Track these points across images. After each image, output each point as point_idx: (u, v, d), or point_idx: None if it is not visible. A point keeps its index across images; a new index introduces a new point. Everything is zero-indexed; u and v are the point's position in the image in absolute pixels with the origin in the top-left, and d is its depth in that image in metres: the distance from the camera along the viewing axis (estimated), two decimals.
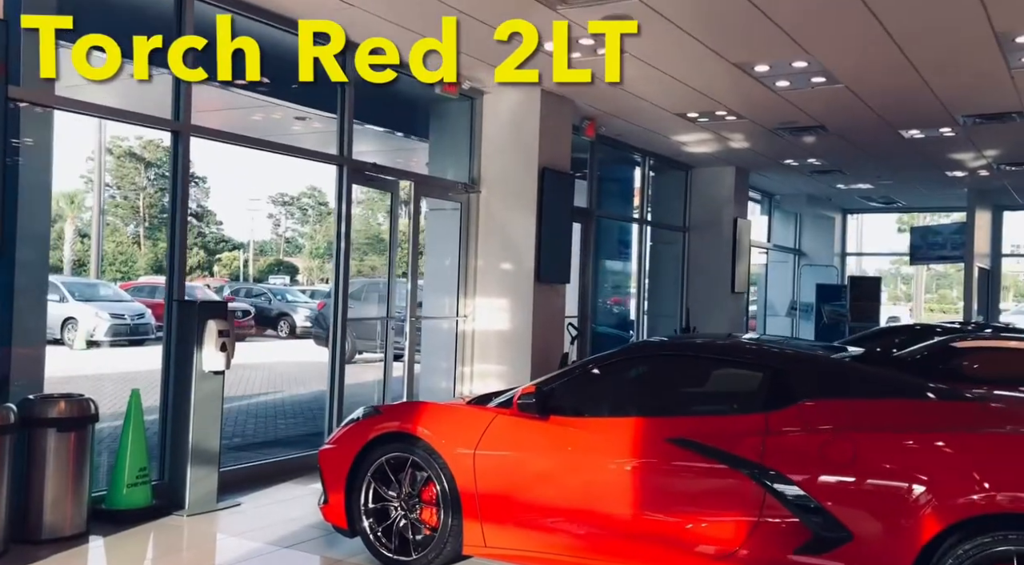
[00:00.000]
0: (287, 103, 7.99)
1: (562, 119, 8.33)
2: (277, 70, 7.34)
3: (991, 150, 10.65)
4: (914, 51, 6.46)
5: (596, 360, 4.11)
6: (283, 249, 51.34)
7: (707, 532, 3.45)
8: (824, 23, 5.89)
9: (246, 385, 12.07)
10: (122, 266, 38.84)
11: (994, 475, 2.96)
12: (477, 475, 3.92)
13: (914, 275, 40.59)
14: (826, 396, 3.49)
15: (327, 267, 43.38)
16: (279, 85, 7.70)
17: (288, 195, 51.02)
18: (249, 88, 7.60)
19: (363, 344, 11.36)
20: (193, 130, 5.39)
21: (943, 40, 6.18)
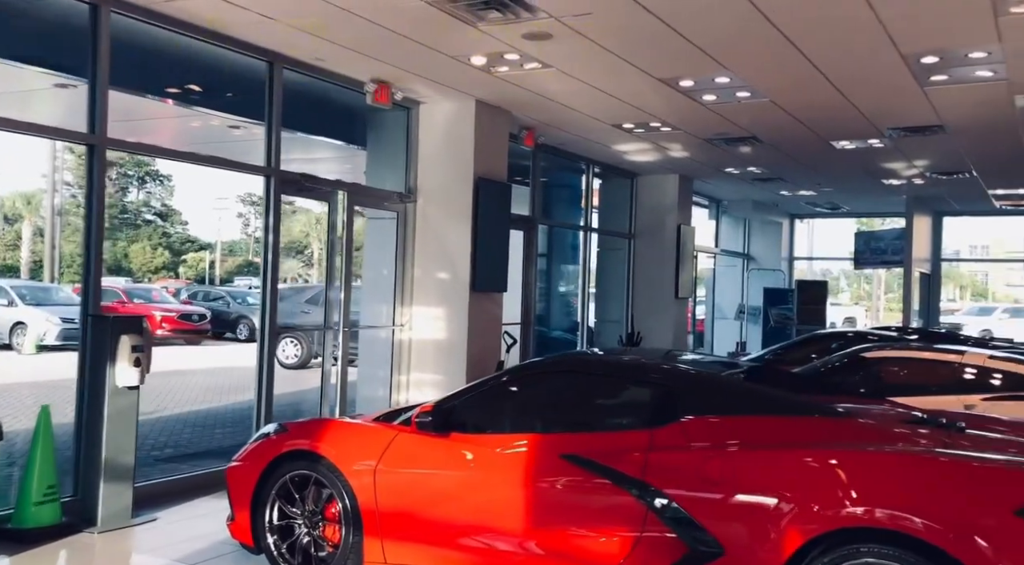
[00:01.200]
0: (221, 113, 7.99)
1: (498, 129, 8.43)
2: (208, 80, 7.37)
3: (921, 160, 10.96)
4: (830, 70, 6.66)
5: (496, 377, 4.21)
6: (252, 249, 50.76)
7: (593, 547, 3.56)
8: (739, 43, 6.05)
9: (191, 392, 12.00)
10: (80, 268, 38.16)
11: (853, 490, 3.10)
12: (378, 492, 3.99)
13: (872, 275, 41.45)
14: (707, 413, 3.61)
15: (290, 267, 42.98)
16: (212, 95, 7.74)
17: (256, 194, 50.49)
18: (182, 98, 7.62)
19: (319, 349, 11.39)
20: (109, 143, 5.39)
21: (855, 61, 6.38)
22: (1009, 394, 5.53)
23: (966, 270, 53.66)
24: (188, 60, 6.67)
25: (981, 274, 54.17)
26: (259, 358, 6.64)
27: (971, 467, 3.10)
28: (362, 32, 5.97)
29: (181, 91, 7.55)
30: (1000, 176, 12.07)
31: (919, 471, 3.10)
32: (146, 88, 7.23)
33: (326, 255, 7.77)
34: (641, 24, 5.57)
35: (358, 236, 9.45)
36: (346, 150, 9.94)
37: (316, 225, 40.34)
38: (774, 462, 3.30)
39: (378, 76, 7.19)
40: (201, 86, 7.49)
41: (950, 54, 6.12)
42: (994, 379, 5.67)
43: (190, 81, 7.37)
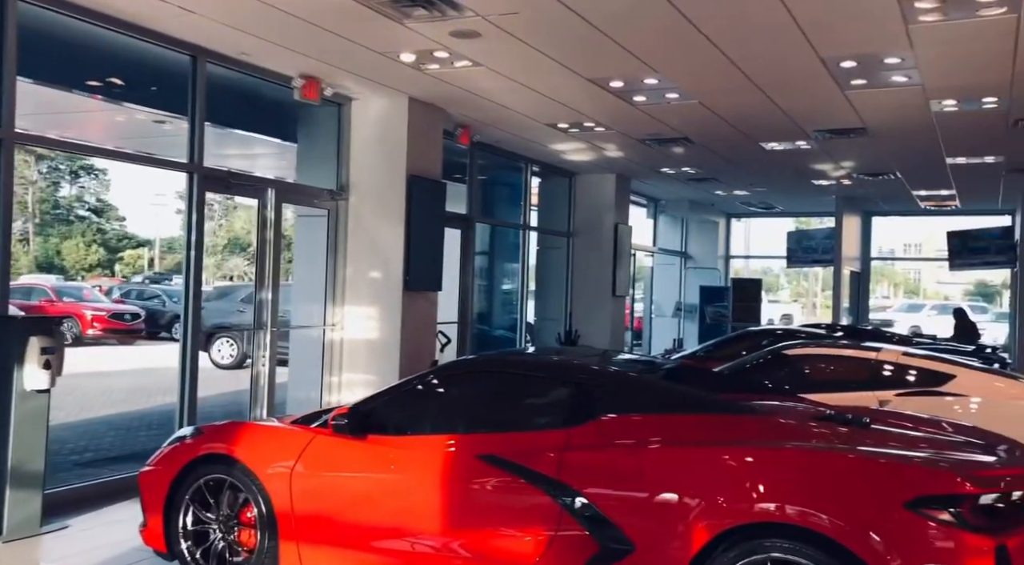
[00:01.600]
0: (148, 108, 7.78)
1: (431, 127, 8.39)
2: (133, 75, 7.17)
3: (847, 161, 11.27)
4: (755, 74, 6.79)
5: (415, 379, 4.18)
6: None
7: (509, 547, 3.56)
8: (665, 46, 6.13)
9: (118, 394, 11.66)
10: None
11: (757, 487, 3.17)
12: (293, 496, 3.94)
13: (809, 273, 42.43)
14: (624, 412, 3.64)
15: (235, 265, 41.95)
16: (139, 90, 7.52)
17: None
18: (108, 93, 7.39)
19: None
20: (18, 138, 5.19)
21: (778, 65, 6.52)
22: (922, 389, 5.72)
23: (900, 268, 55.49)
24: (113, 54, 6.50)
25: (914, 272, 56.03)
26: (181, 359, 6.49)
27: (865, 462, 3.19)
28: (287, 27, 5.87)
29: (105, 85, 7.33)
30: (922, 178, 12.49)
31: (818, 467, 3.18)
32: (69, 82, 7.00)
33: (256, 254, 7.63)
34: (567, 24, 5.60)
35: (290, 234, 9.32)
36: (283, 147, 9.79)
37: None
38: (682, 459, 3.35)
39: (306, 71, 7.09)
40: (126, 81, 7.29)
41: (867, 59, 6.30)
42: (908, 375, 5.86)
43: (115, 75, 7.16)
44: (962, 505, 2.91)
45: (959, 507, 2.91)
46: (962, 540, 2.87)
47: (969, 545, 2.87)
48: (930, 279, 53.55)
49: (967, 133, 8.92)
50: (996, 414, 5.41)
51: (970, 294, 44.12)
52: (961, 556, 2.86)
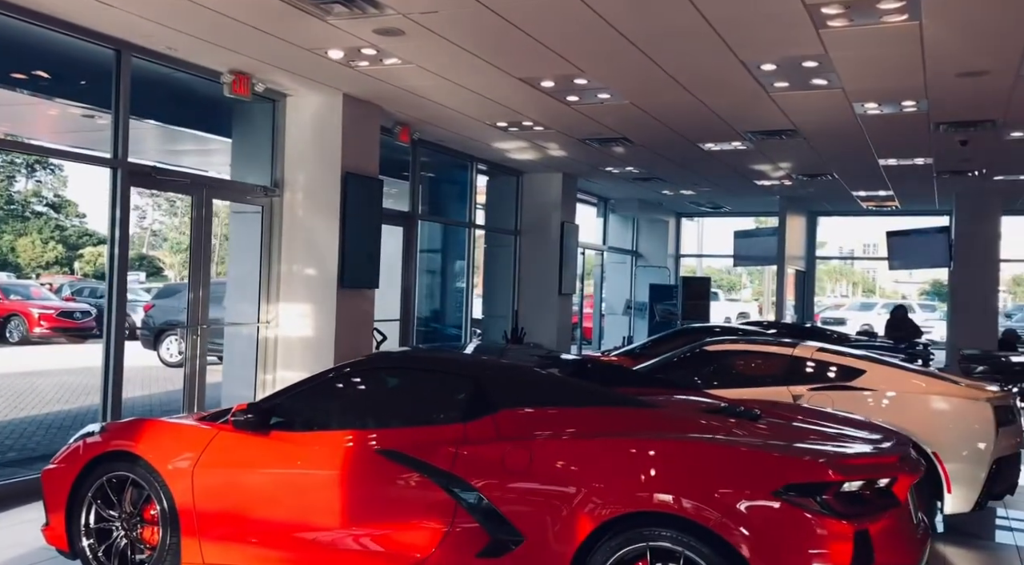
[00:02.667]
0: (76, 103, 7.68)
1: (368, 124, 8.39)
2: (60, 69, 7.07)
3: (785, 162, 11.50)
4: (678, 74, 6.91)
5: (320, 375, 4.21)
6: (148, 242, 48.54)
7: (405, 541, 3.61)
8: (586, 45, 6.21)
9: (57, 392, 11.47)
10: None
11: (635, 477, 3.26)
12: (195, 493, 3.94)
13: (767, 273, 43.04)
14: (521, 405, 3.71)
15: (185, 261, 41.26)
16: (66, 84, 7.42)
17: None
18: (35, 87, 7.29)
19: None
20: None
21: (698, 66, 6.65)
22: (834, 384, 5.88)
23: (859, 268, 56.54)
24: (40, 48, 6.42)
25: (871, 271, 57.15)
26: (104, 357, 6.43)
27: (735, 452, 3.29)
28: (210, 23, 5.85)
29: (32, 79, 7.23)
30: (859, 179, 12.78)
31: (690, 457, 3.28)
32: None
33: (189, 251, 7.57)
34: (488, 22, 5.65)
35: (224, 230, 9.24)
36: (219, 143, 9.72)
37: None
38: (567, 452, 3.43)
39: (236, 67, 7.05)
40: (54, 75, 7.19)
41: (786, 62, 6.45)
42: (822, 370, 6.02)
43: (42, 69, 7.08)
44: (826, 492, 3.03)
45: (823, 494, 3.02)
46: (825, 526, 2.99)
47: (831, 531, 2.98)
48: (887, 278, 54.74)
49: (893, 135, 9.16)
50: (903, 407, 5.60)
51: (925, 293, 45.16)
52: (824, 541, 2.98)
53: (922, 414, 5.50)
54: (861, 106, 7.86)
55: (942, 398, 5.54)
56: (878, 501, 3.19)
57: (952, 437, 5.37)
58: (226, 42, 6.34)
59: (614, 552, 3.22)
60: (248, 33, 6.06)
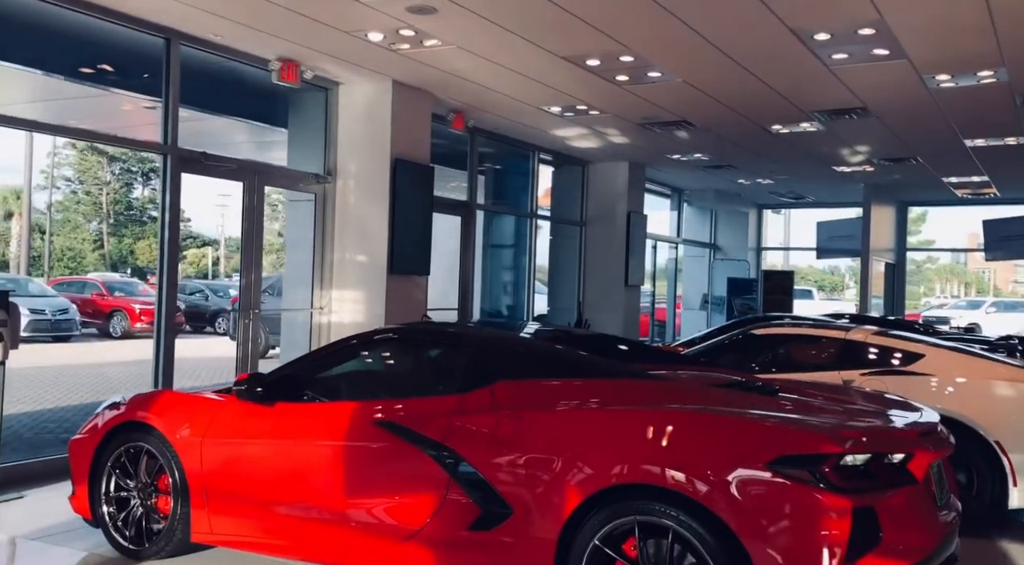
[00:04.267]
0: (137, 94, 7.98)
1: (418, 111, 8.41)
2: (119, 60, 7.37)
3: (862, 145, 10.91)
4: (728, 48, 6.62)
5: (326, 347, 4.20)
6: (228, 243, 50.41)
7: (399, 513, 3.55)
8: (628, 20, 6.02)
9: (140, 380, 12.01)
10: (70, 262, 38.28)
11: (625, 448, 3.09)
12: (204, 463, 3.99)
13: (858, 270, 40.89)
14: (520, 377, 3.59)
15: (277, 261, 42.80)
16: (128, 76, 7.73)
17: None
18: (93, 79, 7.62)
19: (276, 338, 11.39)
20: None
21: (748, 38, 6.35)
22: (887, 369, 5.50)
23: (973, 267, 53.26)
24: (96, 40, 6.69)
25: (986, 271, 53.79)
26: (155, 350, 6.64)
27: (727, 422, 3.08)
28: (252, 7, 5.97)
29: (98, 72, 7.56)
30: (947, 163, 12.00)
31: (681, 428, 3.08)
32: (54, 67, 7.25)
33: (241, 238, 7.76)
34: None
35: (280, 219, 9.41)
36: (281, 134, 9.94)
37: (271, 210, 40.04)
38: (558, 424, 3.30)
39: (283, 54, 7.18)
40: (113, 66, 7.50)
41: (840, 30, 6.08)
42: (878, 354, 5.64)
43: (101, 61, 7.39)
44: (823, 464, 2.79)
45: (820, 467, 2.78)
46: (822, 500, 2.75)
47: (828, 505, 2.75)
48: (1005, 279, 51.38)
49: (975, 112, 8.54)
50: (962, 393, 5.19)
51: None
52: (820, 516, 2.75)
53: (983, 401, 5.08)
54: (932, 79, 7.35)
55: (1007, 384, 5.09)
56: (888, 477, 2.92)
57: (1016, 425, 4.93)
58: (267, 27, 6.45)
59: (601, 526, 3.07)
60: (287, 17, 6.14)
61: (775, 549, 2.75)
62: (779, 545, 2.75)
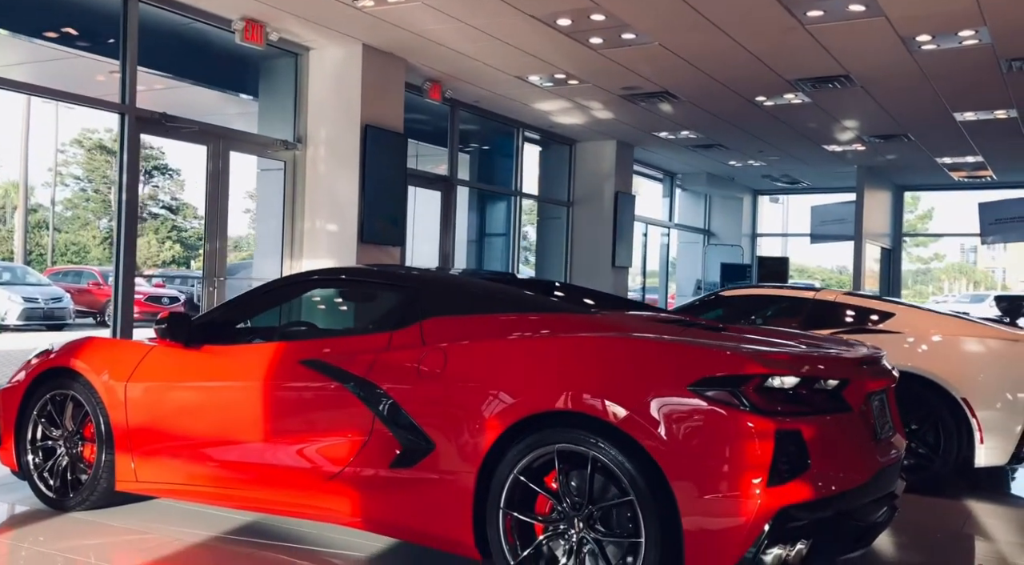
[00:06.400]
0: (100, 58, 7.84)
1: (390, 77, 8.25)
2: (82, 22, 7.24)
3: (850, 120, 10.71)
4: (701, 6, 6.45)
5: (256, 290, 4.04)
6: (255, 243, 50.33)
7: (324, 453, 3.39)
8: None
9: None
10: (74, 256, 38.37)
11: (544, 376, 2.93)
12: (128, 409, 3.84)
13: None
14: (448, 313, 3.43)
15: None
16: (93, 39, 7.59)
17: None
18: (59, 41, 7.48)
19: None
20: None
21: None
22: (858, 328, 5.32)
23: (983, 266, 52.67)
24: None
25: (994, 270, 53.23)
26: (113, 310, 6.52)
27: (649, 345, 2.90)
28: None
29: (60, 35, 7.44)
30: (939, 141, 11.79)
31: (600, 353, 2.91)
32: (19, 29, 7.13)
33: (205, 204, 7.62)
34: None
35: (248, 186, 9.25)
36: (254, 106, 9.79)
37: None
38: (477, 355, 3.13)
39: (247, 14, 7.03)
40: (79, 29, 7.38)
41: None
42: (846, 315, 5.46)
43: (66, 23, 7.26)
44: (745, 385, 2.62)
45: (741, 387, 2.61)
46: (743, 422, 2.58)
47: (750, 428, 2.57)
48: (1015, 277, 50.86)
49: (960, 79, 8.34)
50: (931, 350, 5.01)
51: None
52: (741, 439, 2.57)
53: (952, 358, 4.89)
54: (914, 41, 7.15)
55: (975, 341, 4.91)
56: (819, 403, 2.75)
57: (984, 383, 4.75)
58: None
59: (521, 458, 2.90)
60: None
61: (694, 473, 2.59)
62: (698, 469, 2.59)
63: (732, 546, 2.56)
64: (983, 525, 4.38)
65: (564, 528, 2.84)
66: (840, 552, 2.84)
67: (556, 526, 2.86)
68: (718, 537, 2.58)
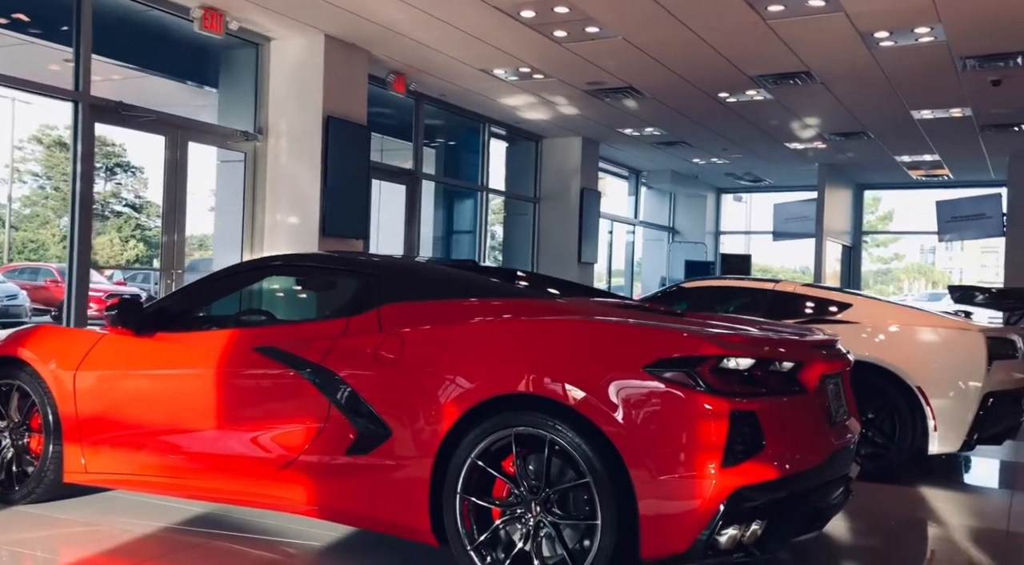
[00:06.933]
0: (48, 43, 7.65)
1: (353, 68, 8.17)
2: (37, 10, 7.05)
3: (811, 117, 10.85)
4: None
5: (212, 275, 3.97)
6: None
7: (279, 441, 3.34)
8: None
9: None
10: (31, 254, 37.57)
11: (500, 360, 2.91)
12: (78, 398, 3.74)
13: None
14: (407, 299, 3.39)
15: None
16: (46, 26, 7.40)
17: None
18: (13, 27, 7.28)
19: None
20: None
21: None
22: (817, 318, 5.38)
23: (940, 267, 53.80)
24: None
25: (952, 271, 54.36)
26: (67, 317, 6.35)
27: (605, 327, 2.90)
28: None
29: (11, 21, 7.24)
30: (898, 139, 11.99)
31: (556, 335, 2.90)
32: None
33: (163, 194, 7.47)
34: None
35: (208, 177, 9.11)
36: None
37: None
38: (435, 339, 3.10)
39: (207, 2, 6.90)
40: (31, 15, 7.19)
41: None
42: (805, 306, 5.52)
43: (17, 9, 7.07)
44: (701, 366, 2.62)
45: (697, 368, 2.62)
46: (698, 402, 2.59)
47: (705, 408, 2.58)
48: (971, 277, 51.97)
49: (917, 77, 8.48)
50: (888, 340, 5.08)
51: None
52: (696, 419, 2.58)
53: (907, 347, 4.97)
54: (872, 37, 7.26)
55: (929, 330, 4.99)
56: (775, 385, 2.76)
57: (937, 371, 4.83)
58: None
59: (479, 442, 2.88)
60: None
61: (650, 454, 2.59)
62: (654, 449, 2.58)
63: (687, 527, 2.56)
64: (935, 511, 4.46)
65: (521, 512, 2.82)
66: (794, 533, 2.86)
67: (513, 510, 2.84)
68: (673, 518, 2.57)
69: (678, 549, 2.57)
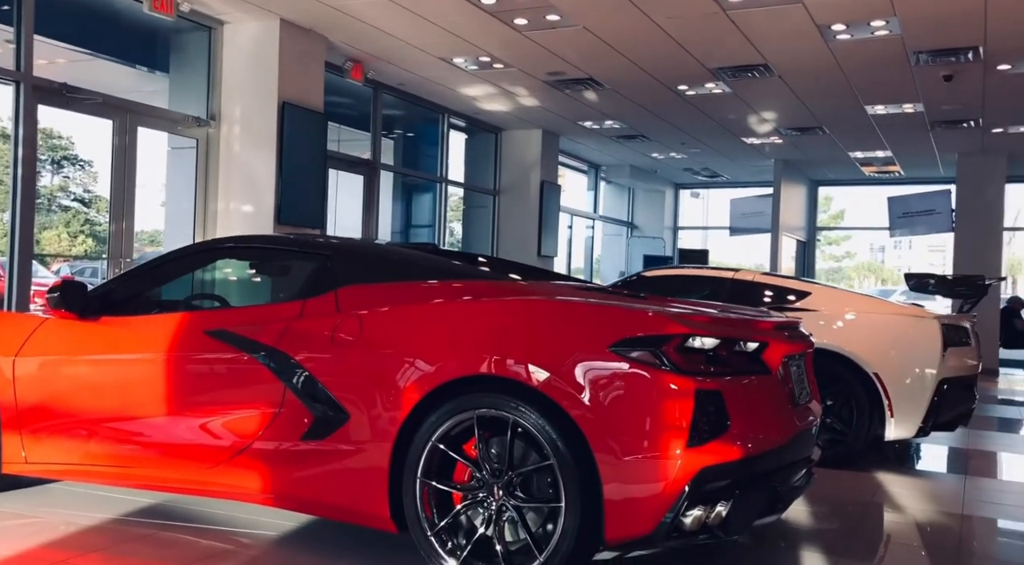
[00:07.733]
0: None
1: (309, 54, 8.00)
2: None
3: (768, 112, 10.95)
4: None
5: (162, 257, 3.82)
6: None
7: (231, 428, 3.22)
8: None
9: None
10: None
11: (462, 341, 2.84)
12: (17, 385, 3.57)
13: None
14: (366, 281, 3.30)
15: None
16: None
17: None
18: None
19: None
20: None
21: None
22: (777, 306, 5.40)
23: (891, 264, 55.10)
24: None
25: (901, 269, 55.64)
26: (8, 288, 6.10)
27: (569, 306, 2.85)
28: None
29: None
30: (851, 135, 12.17)
31: (519, 315, 2.84)
32: None
33: (111, 181, 7.22)
34: None
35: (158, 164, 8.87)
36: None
37: None
38: (394, 320, 3.02)
39: None
40: None
41: None
42: (764, 294, 5.55)
43: None
44: (666, 345, 2.58)
45: (662, 347, 2.58)
46: (663, 382, 2.55)
47: (670, 387, 2.54)
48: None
49: (872, 71, 8.60)
50: (845, 327, 5.12)
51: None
52: (661, 398, 2.54)
53: (864, 334, 5.02)
54: (829, 30, 7.33)
55: (886, 317, 5.04)
56: (739, 365, 2.74)
57: (893, 358, 4.88)
58: None
59: (439, 425, 2.81)
60: None
61: (614, 434, 2.54)
62: (618, 429, 2.54)
63: (652, 508, 2.52)
64: (893, 496, 4.50)
65: (483, 496, 2.76)
66: (758, 515, 2.84)
67: (475, 494, 2.77)
68: (638, 500, 2.53)
69: (643, 531, 2.53)
